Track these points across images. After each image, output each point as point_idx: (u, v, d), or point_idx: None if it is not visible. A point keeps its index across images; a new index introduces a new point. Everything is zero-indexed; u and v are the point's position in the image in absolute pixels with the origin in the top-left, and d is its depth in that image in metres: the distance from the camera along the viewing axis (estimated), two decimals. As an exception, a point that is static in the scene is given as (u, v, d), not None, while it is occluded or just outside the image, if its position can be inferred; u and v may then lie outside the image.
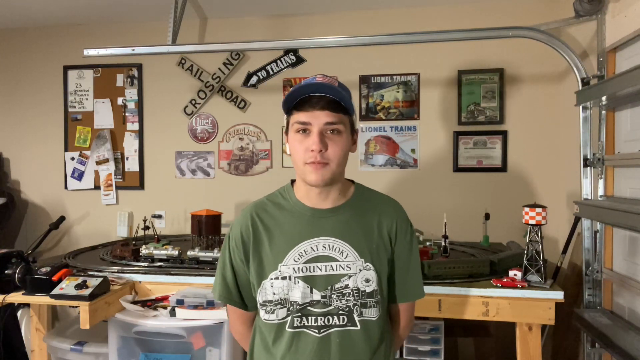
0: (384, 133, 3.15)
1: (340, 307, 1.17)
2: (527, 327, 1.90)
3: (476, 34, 2.39)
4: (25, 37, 3.57)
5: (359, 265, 1.19)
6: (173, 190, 3.42)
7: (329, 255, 1.18)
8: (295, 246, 1.18)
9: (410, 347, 2.22)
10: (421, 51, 3.06)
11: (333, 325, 1.17)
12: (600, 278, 2.16)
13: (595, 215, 2.09)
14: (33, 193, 3.60)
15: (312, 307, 1.17)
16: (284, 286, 1.16)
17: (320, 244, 1.18)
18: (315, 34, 3.08)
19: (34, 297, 2.01)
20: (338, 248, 1.18)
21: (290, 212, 1.22)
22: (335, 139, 1.15)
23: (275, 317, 1.18)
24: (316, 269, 1.17)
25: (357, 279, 1.18)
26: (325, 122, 1.13)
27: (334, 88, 1.13)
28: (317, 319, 1.17)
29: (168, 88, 3.40)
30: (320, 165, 1.13)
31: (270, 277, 1.18)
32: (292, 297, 1.16)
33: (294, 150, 1.16)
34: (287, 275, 1.17)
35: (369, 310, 1.19)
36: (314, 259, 1.17)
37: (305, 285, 1.16)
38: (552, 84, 2.95)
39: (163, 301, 2.11)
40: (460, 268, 2.04)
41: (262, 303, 1.19)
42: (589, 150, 2.21)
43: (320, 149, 1.12)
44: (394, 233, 1.25)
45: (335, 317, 1.17)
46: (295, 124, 1.15)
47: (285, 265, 1.17)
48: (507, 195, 3.01)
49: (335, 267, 1.17)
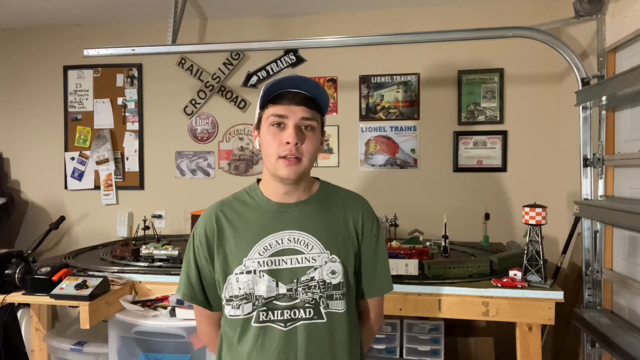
0: (384, 133, 3.15)
1: (306, 300, 1.17)
2: (527, 327, 1.90)
3: (476, 34, 2.39)
4: (25, 37, 3.57)
5: (324, 257, 1.19)
6: (173, 190, 3.42)
7: (294, 248, 1.18)
8: (260, 240, 1.18)
9: (410, 347, 2.22)
10: (421, 51, 3.06)
11: (299, 318, 1.17)
12: (600, 278, 2.16)
13: (595, 215, 2.09)
14: (33, 193, 3.60)
15: (278, 300, 1.16)
16: (249, 280, 1.16)
17: (285, 237, 1.19)
18: (315, 34, 3.08)
19: (34, 297, 2.01)
20: (303, 240, 1.19)
21: (255, 207, 1.23)
22: (309, 135, 1.17)
23: (240, 313, 1.17)
24: (281, 262, 1.17)
25: (322, 271, 1.18)
26: (301, 116, 1.15)
27: (311, 83, 1.16)
28: (283, 313, 1.16)
29: (168, 88, 3.40)
30: (294, 161, 1.14)
31: (235, 272, 1.17)
32: (258, 292, 1.16)
33: (267, 144, 1.17)
34: (252, 269, 1.16)
35: (335, 303, 1.19)
36: (279, 252, 1.18)
37: (271, 279, 1.16)
38: (552, 84, 2.95)
39: (163, 301, 2.11)
40: (460, 268, 2.05)
41: (228, 299, 1.18)
42: (589, 150, 2.21)
43: (297, 142, 1.13)
44: (360, 227, 1.25)
45: (301, 310, 1.17)
46: (270, 117, 1.16)
47: (250, 259, 1.17)
48: (507, 195, 3.01)
49: (300, 259, 1.18)
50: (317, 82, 1.18)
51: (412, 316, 2.23)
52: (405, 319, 2.26)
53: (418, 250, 2.27)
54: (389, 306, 1.98)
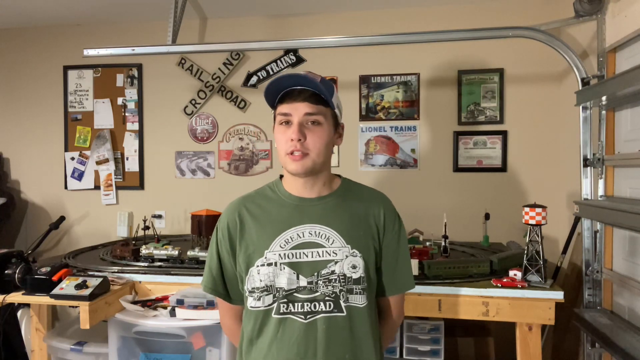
0: (384, 133, 3.15)
1: (326, 293, 1.18)
2: (527, 327, 1.90)
3: (476, 34, 2.39)
4: (25, 37, 3.57)
5: (345, 252, 1.20)
6: (173, 190, 3.42)
7: (315, 241, 1.20)
8: (281, 233, 1.20)
9: (410, 347, 2.22)
10: (421, 51, 3.06)
11: (319, 311, 1.18)
12: (600, 278, 2.16)
13: (595, 215, 2.09)
14: (33, 193, 3.60)
15: (298, 293, 1.18)
16: (269, 272, 1.18)
17: (306, 231, 1.20)
18: (315, 34, 3.08)
19: (34, 297, 2.01)
20: (324, 234, 1.21)
21: (277, 201, 1.26)
22: (315, 129, 1.19)
23: (261, 304, 1.19)
24: (302, 255, 1.19)
25: (343, 265, 1.19)
26: (304, 112, 1.18)
27: (314, 82, 1.17)
28: (303, 305, 1.18)
29: (168, 88, 3.40)
30: (299, 156, 1.17)
31: (256, 264, 1.20)
32: (278, 284, 1.18)
33: (278, 142, 1.21)
34: (273, 262, 1.18)
35: (355, 297, 1.20)
36: (300, 246, 1.20)
37: (292, 272, 1.18)
38: (552, 84, 2.95)
39: (163, 301, 2.11)
40: (460, 268, 2.05)
41: (250, 290, 1.20)
42: (589, 150, 2.21)
43: (299, 139, 1.16)
44: (382, 224, 1.27)
45: (321, 303, 1.18)
46: (278, 116, 1.21)
47: (271, 251, 1.19)
48: (507, 195, 3.01)
49: (321, 253, 1.19)
50: (318, 79, 1.18)
51: (412, 316, 2.23)
52: (405, 319, 2.25)
53: (418, 250, 2.27)
54: (389, 306, 1.98)
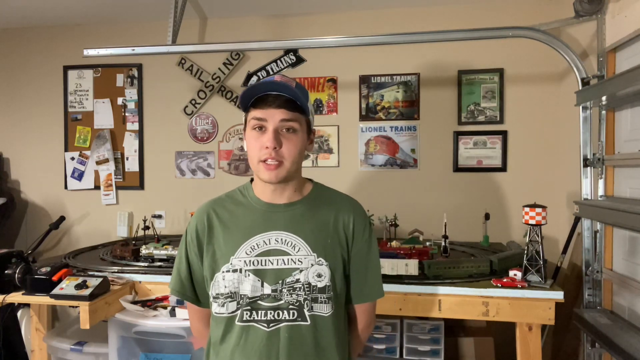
0: (384, 133, 3.15)
1: (290, 302, 1.17)
2: (527, 327, 1.90)
3: (476, 34, 2.39)
4: (25, 37, 3.57)
5: (310, 260, 1.18)
6: (173, 190, 3.42)
7: (281, 249, 1.18)
8: (248, 239, 1.19)
9: (410, 347, 2.22)
10: (421, 51, 3.06)
11: (282, 319, 1.17)
12: (600, 278, 2.16)
13: (595, 215, 2.09)
14: (33, 193, 3.60)
15: (262, 301, 1.17)
16: (234, 279, 1.17)
17: (272, 238, 1.19)
18: (315, 34, 3.08)
19: (34, 297, 2.01)
20: (290, 242, 1.19)
21: (247, 206, 1.24)
22: (291, 137, 1.17)
23: (225, 311, 1.18)
24: (267, 263, 1.18)
25: (308, 273, 1.18)
26: (280, 119, 1.15)
27: (289, 88, 1.15)
28: (267, 313, 1.17)
29: (168, 88, 3.40)
30: (274, 165, 1.15)
31: (222, 270, 1.19)
32: (242, 291, 1.17)
33: (250, 147, 1.18)
34: (238, 268, 1.17)
35: (320, 306, 1.18)
36: (266, 253, 1.18)
37: (256, 279, 1.17)
38: (552, 84, 2.95)
39: (163, 301, 2.11)
40: (460, 268, 2.05)
41: (215, 296, 1.19)
42: (589, 150, 2.21)
43: (275, 146, 1.14)
44: (351, 231, 1.24)
45: (285, 311, 1.17)
46: (252, 120, 1.17)
47: (237, 258, 1.18)
48: (507, 195, 3.01)
49: (286, 260, 1.18)
50: (293, 84, 1.16)
51: (412, 316, 2.23)
52: (405, 319, 2.26)
53: (418, 250, 2.27)
54: (388, 306, 1.99)
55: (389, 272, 2.03)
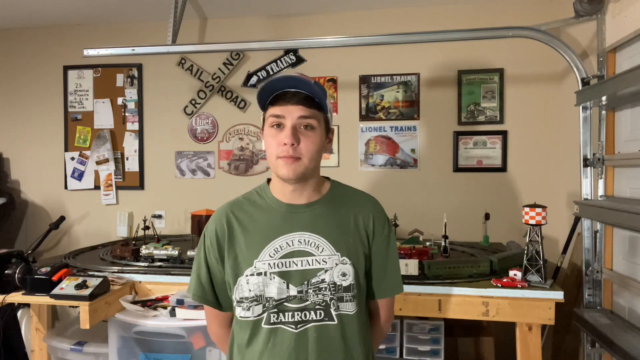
0: (384, 133, 3.15)
1: (316, 302, 1.17)
2: (527, 327, 1.90)
3: (476, 34, 2.39)
4: (25, 37, 3.57)
5: (335, 259, 1.19)
6: (173, 190, 3.42)
7: (305, 250, 1.18)
8: (271, 242, 1.18)
9: (410, 347, 2.22)
10: (421, 51, 3.06)
11: (310, 320, 1.17)
12: (600, 278, 2.16)
13: (595, 215, 2.09)
14: (33, 193, 3.60)
15: (289, 302, 1.16)
16: (259, 282, 1.16)
17: (295, 239, 1.18)
18: (315, 34, 3.08)
19: (34, 297, 2.01)
20: (313, 242, 1.19)
21: (266, 208, 1.23)
22: (308, 134, 1.16)
23: (251, 314, 1.17)
24: (292, 264, 1.17)
25: (333, 273, 1.18)
26: (298, 115, 1.14)
27: (308, 84, 1.14)
28: (294, 315, 1.17)
29: (168, 88, 3.40)
30: (291, 160, 1.14)
31: (245, 274, 1.17)
32: (268, 293, 1.16)
33: (268, 145, 1.18)
34: (262, 271, 1.16)
35: (345, 305, 1.19)
36: (290, 254, 1.18)
37: (281, 281, 1.16)
38: (552, 84, 2.95)
39: (163, 301, 2.11)
40: (460, 268, 2.05)
41: (239, 300, 1.18)
42: (589, 150, 2.21)
43: (293, 143, 1.13)
44: (371, 228, 1.25)
45: (312, 312, 1.17)
46: (270, 118, 1.17)
47: (261, 261, 1.17)
48: (507, 195, 3.01)
49: (311, 261, 1.18)
50: (312, 81, 1.15)
51: (412, 316, 2.23)
52: (405, 319, 2.26)
53: (418, 250, 2.27)
54: (389, 306, 1.98)
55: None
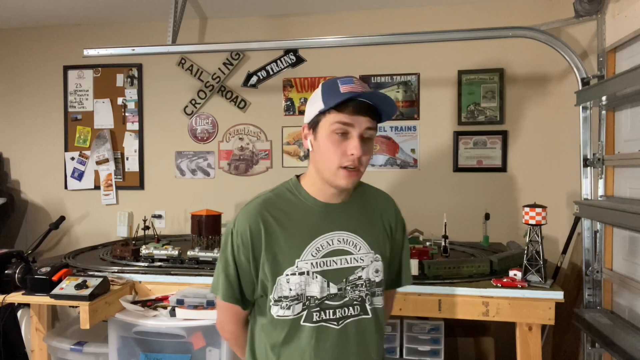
0: (384, 133, 3.15)
1: (354, 298, 1.21)
2: (527, 327, 1.90)
3: (476, 34, 2.39)
4: (25, 37, 3.57)
5: (370, 257, 1.23)
6: (173, 190, 3.42)
7: (344, 249, 1.21)
8: (312, 241, 1.18)
9: (410, 347, 2.22)
10: (421, 51, 3.06)
11: (349, 315, 1.21)
12: (600, 278, 2.16)
13: (595, 215, 2.09)
14: (33, 193, 3.60)
15: (330, 300, 1.19)
16: (301, 281, 1.16)
17: (335, 238, 1.20)
18: (315, 34, 3.08)
19: (34, 297, 2.01)
20: (351, 241, 1.22)
21: (302, 207, 1.22)
22: (369, 145, 1.18)
23: (290, 313, 1.17)
24: (332, 263, 1.19)
25: (369, 270, 1.22)
26: (366, 127, 1.13)
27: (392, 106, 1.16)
28: (336, 312, 1.19)
29: (168, 88, 3.40)
30: (354, 172, 1.14)
31: (286, 273, 1.16)
32: (310, 292, 1.17)
33: (328, 152, 1.13)
34: (305, 271, 1.17)
35: (377, 299, 1.24)
36: (330, 253, 1.19)
37: (323, 280, 1.18)
38: (552, 84, 2.95)
39: (163, 301, 2.11)
40: (460, 268, 2.05)
41: (277, 299, 1.17)
42: (589, 150, 2.21)
43: (360, 155, 1.12)
44: (393, 225, 1.31)
45: (350, 307, 1.21)
46: (335, 124, 1.12)
47: (303, 260, 1.17)
48: (507, 195, 3.01)
49: (349, 260, 1.21)
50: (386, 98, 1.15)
51: (412, 316, 2.23)
52: (405, 319, 2.26)
53: (418, 250, 2.27)
54: (389, 306, 1.99)
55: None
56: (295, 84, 3.25)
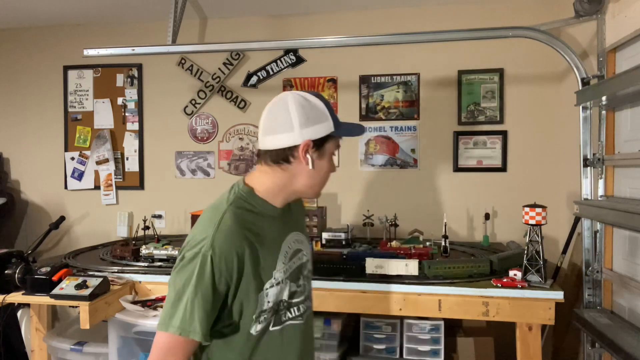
0: (384, 133, 3.15)
1: (309, 290, 1.29)
2: (527, 327, 1.90)
3: (476, 34, 2.39)
4: (25, 37, 3.57)
5: (309, 248, 1.32)
6: (173, 190, 3.42)
7: (298, 247, 1.26)
8: (279, 249, 1.18)
9: (410, 347, 2.22)
10: (421, 51, 3.06)
11: (308, 307, 1.27)
12: (600, 278, 2.16)
13: (595, 215, 2.09)
14: (33, 193, 3.60)
15: (295, 298, 1.21)
16: (277, 291, 1.14)
17: (292, 240, 1.24)
18: (315, 34, 3.07)
19: (34, 297, 2.01)
20: (300, 239, 1.28)
21: (265, 216, 1.17)
22: None
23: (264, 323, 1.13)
24: (293, 264, 1.23)
25: (309, 261, 1.32)
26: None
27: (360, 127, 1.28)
28: (299, 308, 1.22)
29: (168, 88, 3.40)
30: None
31: (265, 287, 1.12)
32: (281, 297, 1.17)
33: (327, 173, 1.22)
34: (280, 280, 1.15)
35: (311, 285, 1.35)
36: (292, 255, 1.23)
37: (291, 282, 1.20)
38: (552, 84, 2.95)
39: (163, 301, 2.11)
40: (460, 268, 2.05)
41: (257, 315, 1.11)
42: (589, 150, 2.21)
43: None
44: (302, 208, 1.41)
45: (308, 300, 1.27)
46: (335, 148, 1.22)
47: (278, 270, 1.15)
48: (507, 195, 3.00)
49: (301, 256, 1.27)
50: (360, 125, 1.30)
51: (412, 316, 2.23)
52: (405, 319, 2.25)
53: (418, 250, 2.27)
54: (388, 306, 1.99)
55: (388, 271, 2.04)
56: (295, 84, 3.25)
